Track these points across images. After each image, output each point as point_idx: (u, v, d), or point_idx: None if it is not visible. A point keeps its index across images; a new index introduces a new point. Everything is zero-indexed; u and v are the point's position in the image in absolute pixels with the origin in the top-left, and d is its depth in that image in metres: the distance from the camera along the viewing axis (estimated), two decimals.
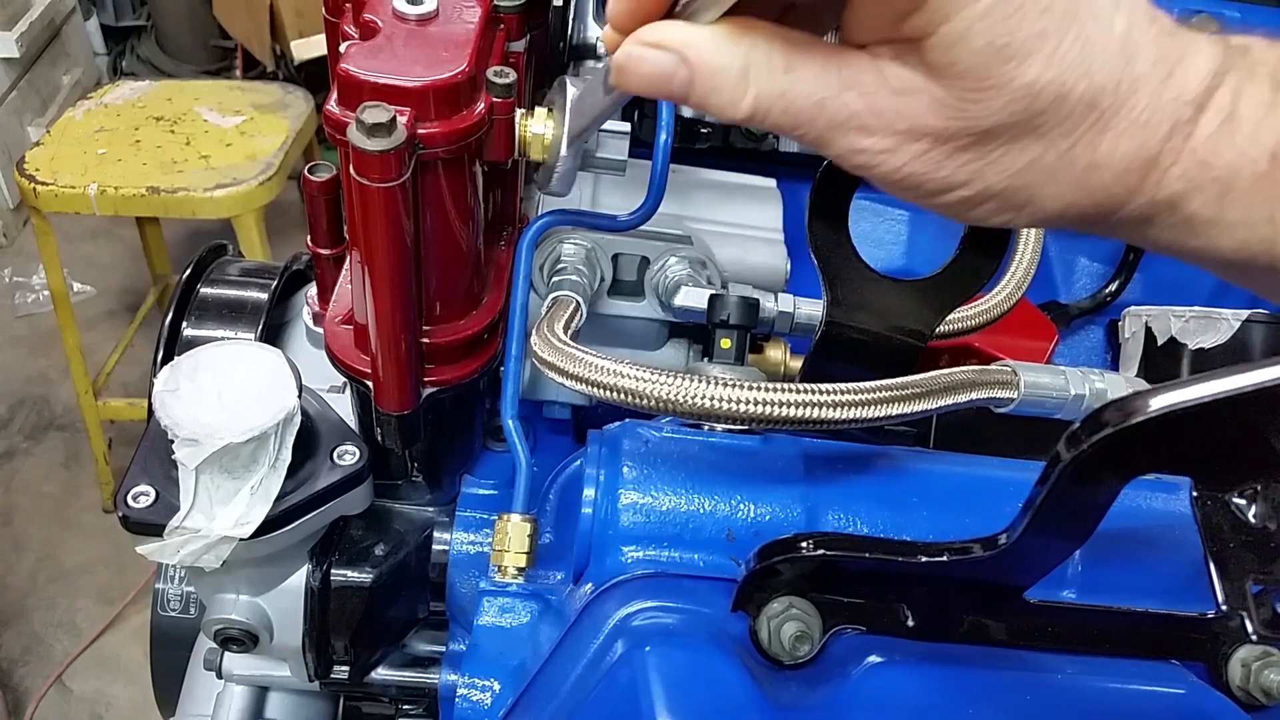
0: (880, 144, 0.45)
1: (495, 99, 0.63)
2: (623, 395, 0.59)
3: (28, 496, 2.72)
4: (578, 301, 0.77)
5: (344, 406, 0.77)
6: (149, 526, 0.67)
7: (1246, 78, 0.44)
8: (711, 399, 0.58)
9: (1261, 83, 0.44)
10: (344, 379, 0.73)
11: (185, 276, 0.92)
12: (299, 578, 0.77)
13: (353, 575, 0.79)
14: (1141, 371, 1.02)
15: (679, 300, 0.82)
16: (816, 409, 0.59)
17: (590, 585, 0.66)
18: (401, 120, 0.57)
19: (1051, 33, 0.41)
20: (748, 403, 0.58)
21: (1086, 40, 0.42)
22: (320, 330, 0.80)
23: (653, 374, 0.59)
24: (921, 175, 0.45)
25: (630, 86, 0.46)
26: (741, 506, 0.67)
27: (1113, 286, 1.13)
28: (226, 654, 0.84)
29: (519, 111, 0.65)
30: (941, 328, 0.71)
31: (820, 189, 0.67)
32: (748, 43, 0.44)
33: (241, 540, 0.67)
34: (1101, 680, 0.60)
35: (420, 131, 0.59)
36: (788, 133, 0.46)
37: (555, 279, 0.80)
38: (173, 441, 0.66)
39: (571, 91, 0.65)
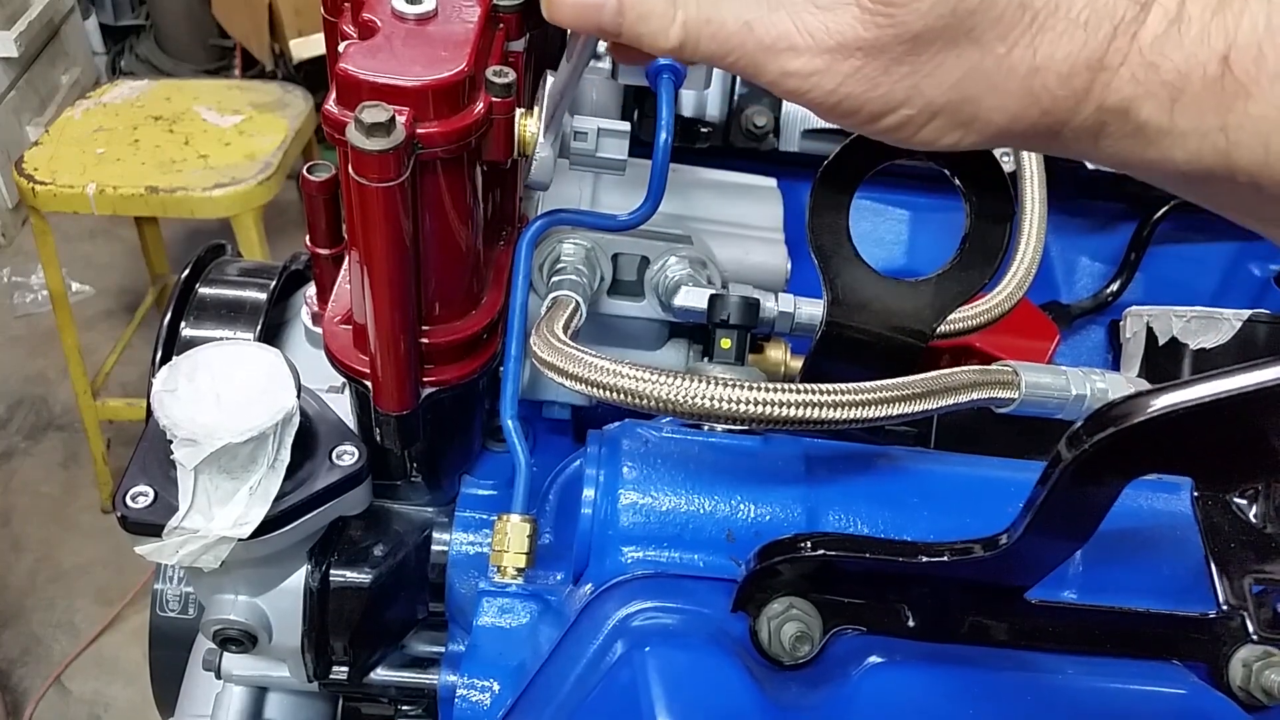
0: (811, 64, 0.44)
1: (494, 99, 0.63)
2: (623, 395, 0.59)
3: (26, 497, 2.71)
4: (577, 301, 0.77)
5: (343, 407, 0.76)
6: (148, 527, 0.67)
7: None
8: (711, 399, 0.58)
9: None
10: (343, 379, 0.72)
11: (184, 276, 0.92)
12: (298, 578, 0.77)
13: (352, 576, 0.78)
14: (1143, 371, 1.02)
15: (679, 300, 0.82)
16: (817, 409, 0.59)
17: (590, 586, 0.66)
18: (400, 120, 0.57)
19: None
20: (748, 403, 0.58)
21: None
22: (319, 330, 0.80)
23: (653, 374, 0.59)
24: (859, 96, 0.45)
25: (561, 18, 0.46)
26: (742, 507, 0.67)
27: (1114, 286, 1.13)
28: (225, 654, 0.84)
29: (518, 111, 0.65)
30: (943, 327, 0.71)
31: (821, 188, 0.67)
32: None
33: (240, 541, 0.67)
34: (1102, 681, 0.60)
35: (419, 131, 0.59)
36: (720, 61, 0.46)
37: (555, 279, 0.80)
38: (171, 442, 0.66)
39: (550, 82, 0.65)
